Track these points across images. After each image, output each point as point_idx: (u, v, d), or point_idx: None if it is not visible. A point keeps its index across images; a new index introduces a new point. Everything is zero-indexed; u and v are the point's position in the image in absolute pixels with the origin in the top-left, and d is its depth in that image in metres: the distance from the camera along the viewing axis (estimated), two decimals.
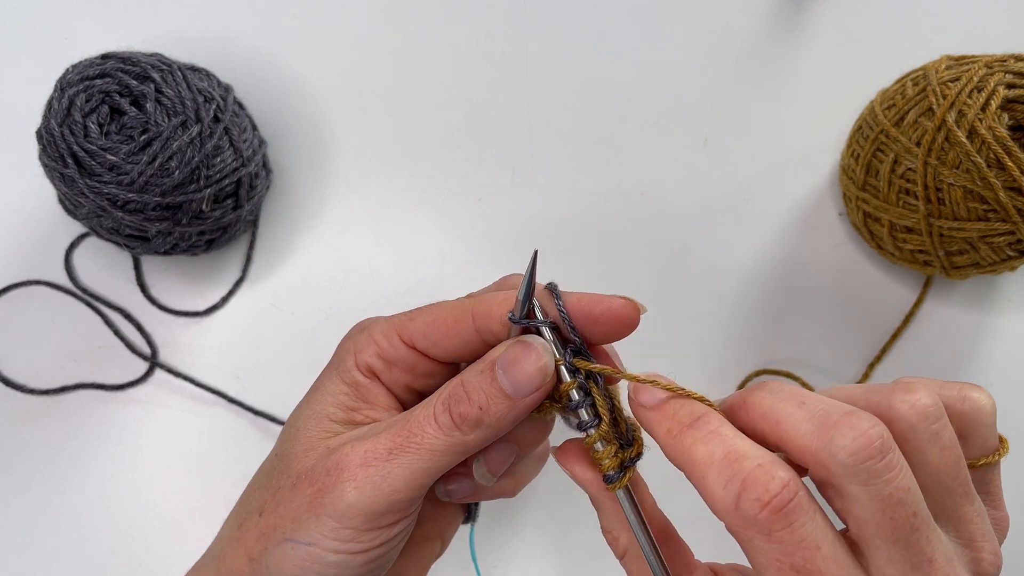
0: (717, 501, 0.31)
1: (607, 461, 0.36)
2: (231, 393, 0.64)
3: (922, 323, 0.67)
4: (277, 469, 0.39)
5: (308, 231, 0.68)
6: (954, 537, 0.32)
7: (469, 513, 0.48)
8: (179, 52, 0.64)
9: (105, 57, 0.58)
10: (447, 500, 0.44)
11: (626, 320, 0.37)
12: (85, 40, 0.70)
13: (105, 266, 0.67)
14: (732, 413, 0.34)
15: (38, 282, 0.66)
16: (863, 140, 0.62)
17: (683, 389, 0.35)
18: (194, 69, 0.62)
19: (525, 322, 0.37)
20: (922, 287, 0.67)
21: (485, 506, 0.53)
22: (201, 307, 0.66)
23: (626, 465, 0.36)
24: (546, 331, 0.37)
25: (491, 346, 0.39)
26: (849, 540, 0.31)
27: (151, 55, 0.59)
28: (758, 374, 0.66)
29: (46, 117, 0.57)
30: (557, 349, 0.37)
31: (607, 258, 0.68)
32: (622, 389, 0.38)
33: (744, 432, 0.33)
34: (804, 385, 0.64)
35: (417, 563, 0.45)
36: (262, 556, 0.36)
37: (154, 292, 0.66)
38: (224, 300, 0.67)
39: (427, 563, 0.46)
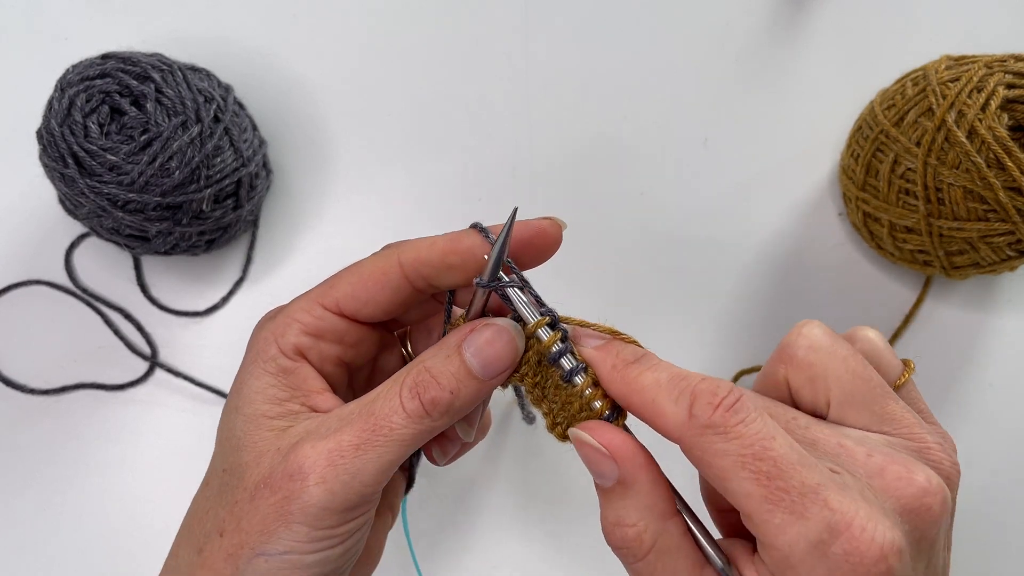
0: (670, 418, 0.32)
1: (600, 403, 0.36)
2: None
3: (922, 323, 0.67)
4: (230, 484, 0.37)
5: (308, 231, 0.68)
6: (894, 436, 0.34)
7: (409, 482, 0.48)
8: (179, 52, 0.64)
9: (105, 57, 0.58)
10: (443, 463, 0.44)
11: (554, 238, 0.38)
12: (85, 40, 0.70)
13: (105, 266, 0.67)
14: None
15: (38, 282, 0.66)
16: (863, 140, 0.62)
17: (623, 334, 0.37)
18: (194, 69, 0.62)
19: (495, 285, 0.36)
20: (922, 287, 0.67)
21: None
22: (201, 307, 0.66)
23: (616, 405, 0.36)
24: (516, 292, 0.37)
25: (422, 292, 0.39)
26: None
27: (151, 55, 0.59)
28: (750, 371, 0.66)
29: (46, 117, 0.57)
30: (531, 308, 0.37)
31: (607, 258, 0.68)
32: None
33: None
34: None
35: (376, 537, 0.45)
36: None
37: (154, 292, 0.66)
38: (224, 300, 0.67)
39: (384, 534, 0.46)
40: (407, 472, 0.47)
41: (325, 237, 0.68)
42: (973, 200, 0.55)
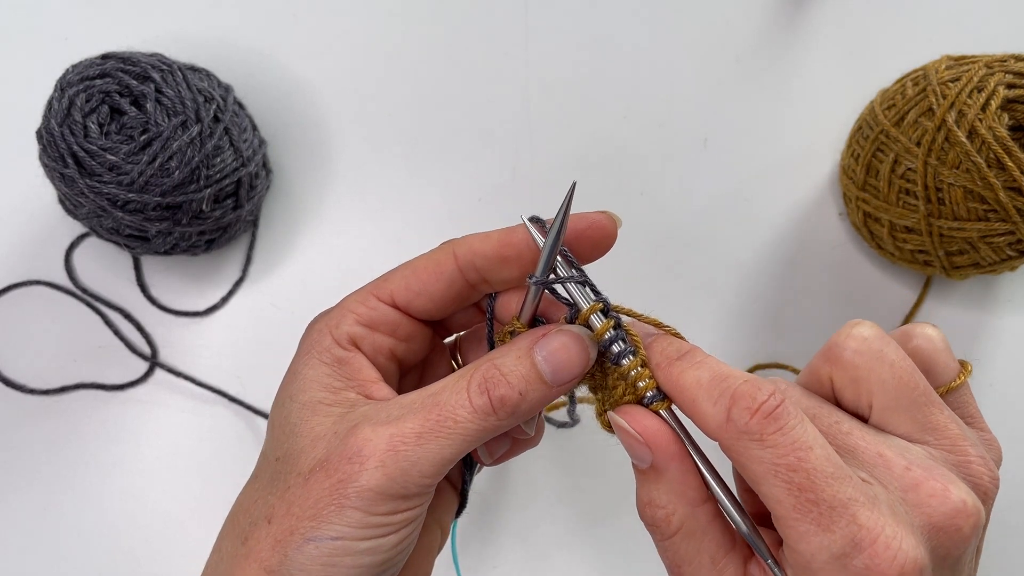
0: (709, 419, 0.32)
1: (644, 383, 0.35)
2: (231, 393, 0.64)
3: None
4: (282, 472, 0.36)
5: (308, 231, 0.68)
6: (935, 447, 0.33)
7: (461, 502, 0.47)
8: (179, 52, 0.64)
9: (105, 57, 0.58)
10: (489, 463, 0.43)
11: (609, 232, 0.38)
12: (85, 40, 0.70)
13: (105, 266, 0.67)
14: None
15: (38, 282, 0.66)
16: (863, 140, 0.62)
17: (666, 326, 0.37)
18: (194, 69, 0.62)
19: (553, 280, 0.36)
20: (922, 287, 0.67)
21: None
22: (201, 307, 0.66)
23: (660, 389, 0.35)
24: (575, 287, 0.36)
25: (474, 287, 0.39)
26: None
27: (151, 55, 0.59)
28: (754, 369, 0.66)
29: (46, 117, 0.57)
30: (587, 297, 0.36)
31: (607, 257, 0.68)
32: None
33: None
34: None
35: (425, 553, 0.44)
36: (282, 566, 0.34)
37: (154, 292, 0.66)
38: (224, 300, 0.67)
39: (433, 552, 0.45)
40: (459, 492, 0.46)
41: (325, 237, 0.68)
42: (973, 200, 0.55)
